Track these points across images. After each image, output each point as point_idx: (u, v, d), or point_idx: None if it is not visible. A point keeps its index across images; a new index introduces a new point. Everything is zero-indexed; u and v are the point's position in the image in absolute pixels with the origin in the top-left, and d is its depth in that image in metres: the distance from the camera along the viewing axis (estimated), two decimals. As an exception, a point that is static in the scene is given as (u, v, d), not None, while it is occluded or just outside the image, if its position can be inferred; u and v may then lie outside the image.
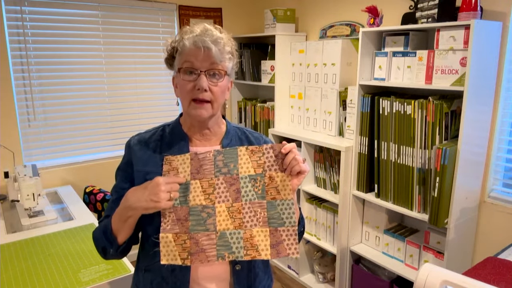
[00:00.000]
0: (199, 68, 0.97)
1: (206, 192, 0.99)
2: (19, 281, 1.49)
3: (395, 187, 2.14)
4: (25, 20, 2.53)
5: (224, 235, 0.97)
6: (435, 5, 1.94)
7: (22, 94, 2.58)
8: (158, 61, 3.13)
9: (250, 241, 0.97)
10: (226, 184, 0.99)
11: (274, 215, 0.99)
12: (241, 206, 0.99)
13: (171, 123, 1.14)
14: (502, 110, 1.99)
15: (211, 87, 0.99)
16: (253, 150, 1.00)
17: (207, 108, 1.00)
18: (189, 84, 0.98)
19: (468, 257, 2.12)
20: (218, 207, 0.98)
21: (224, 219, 0.98)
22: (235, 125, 1.17)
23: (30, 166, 2.27)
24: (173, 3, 3.10)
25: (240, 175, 1.00)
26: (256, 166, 1.00)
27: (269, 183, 0.99)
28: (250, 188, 0.99)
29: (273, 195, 0.99)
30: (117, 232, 1.01)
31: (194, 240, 0.96)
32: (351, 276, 2.54)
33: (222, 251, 0.96)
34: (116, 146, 3.03)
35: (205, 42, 0.95)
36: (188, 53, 0.97)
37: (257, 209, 0.99)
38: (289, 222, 0.99)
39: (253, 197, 0.99)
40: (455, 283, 0.77)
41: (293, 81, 2.98)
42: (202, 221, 0.97)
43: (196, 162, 0.99)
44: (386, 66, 2.18)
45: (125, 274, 1.55)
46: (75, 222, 2.04)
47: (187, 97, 1.00)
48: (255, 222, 0.98)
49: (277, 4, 3.22)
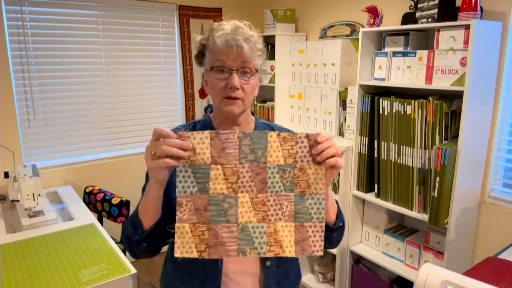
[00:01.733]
0: (231, 67, 0.96)
1: (228, 180, 0.90)
2: (19, 281, 1.49)
3: (395, 187, 2.14)
4: (25, 20, 2.53)
5: (246, 228, 0.90)
6: (435, 5, 1.94)
7: (22, 94, 2.58)
8: (158, 61, 3.13)
9: (274, 236, 0.91)
10: (252, 173, 0.90)
11: (302, 210, 0.92)
12: (266, 198, 0.91)
13: (202, 120, 1.13)
14: (502, 110, 1.99)
15: (243, 85, 0.98)
16: (285, 138, 0.90)
17: (239, 104, 1.00)
18: (221, 82, 0.98)
19: (468, 257, 2.12)
20: (241, 197, 0.90)
21: (246, 210, 0.90)
22: (263, 121, 1.17)
23: (30, 166, 2.27)
24: (173, 3, 3.10)
25: (267, 164, 0.90)
26: (287, 156, 0.91)
27: (299, 175, 0.91)
28: (277, 179, 0.91)
29: (302, 188, 0.92)
30: (142, 215, 0.96)
31: (213, 231, 0.89)
32: (351, 276, 2.54)
33: (243, 246, 0.89)
34: (116, 146, 3.03)
35: (237, 40, 0.94)
36: (219, 51, 0.96)
37: (283, 202, 0.92)
38: (317, 217, 0.92)
39: (280, 189, 0.91)
40: (455, 283, 0.77)
41: (293, 81, 2.98)
42: (222, 211, 0.89)
43: (217, 143, 0.88)
44: (386, 66, 2.18)
45: (125, 274, 1.55)
46: (75, 222, 2.04)
47: (219, 95, 0.99)
48: (280, 216, 0.91)
49: (277, 4, 3.22)
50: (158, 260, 3.05)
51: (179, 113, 3.30)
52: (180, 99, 3.28)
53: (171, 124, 3.26)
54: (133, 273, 1.57)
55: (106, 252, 1.72)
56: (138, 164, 3.09)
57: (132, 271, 1.57)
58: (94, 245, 1.79)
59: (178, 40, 3.18)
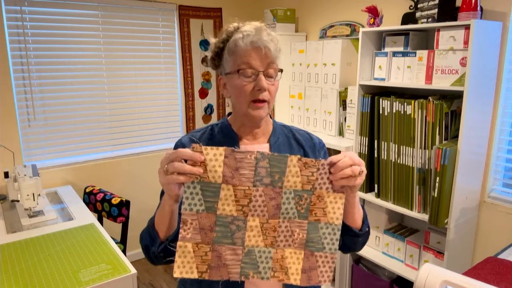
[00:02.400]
0: (257, 68, 0.96)
1: (239, 202, 0.85)
2: (19, 281, 1.49)
3: (395, 187, 2.14)
4: (25, 20, 2.53)
5: (252, 252, 0.86)
6: (435, 5, 1.94)
7: (22, 94, 2.58)
8: (158, 61, 3.13)
9: (281, 262, 0.86)
10: (266, 197, 0.85)
11: (314, 238, 0.87)
12: (278, 223, 0.86)
13: (219, 123, 1.11)
14: (502, 110, 1.99)
15: (269, 86, 0.98)
16: (306, 163, 0.85)
17: (265, 109, 0.99)
18: (249, 85, 0.97)
19: (468, 257, 2.12)
20: (251, 220, 0.85)
21: (255, 235, 0.86)
22: (280, 123, 1.17)
23: (30, 166, 2.27)
24: (173, 3, 3.10)
25: (284, 189, 0.85)
26: (306, 182, 0.86)
27: (316, 202, 0.87)
28: (292, 205, 0.86)
29: (318, 216, 0.87)
30: (158, 226, 0.94)
31: (217, 253, 0.85)
32: (351, 276, 2.54)
33: (247, 269, 0.86)
34: (116, 146, 3.03)
35: (264, 42, 0.94)
36: (244, 54, 0.95)
37: (295, 229, 0.87)
38: (329, 248, 0.88)
39: (293, 216, 0.87)
40: (455, 283, 0.77)
41: (293, 81, 2.98)
42: (229, 233, 0.85)
43: (232, 162, 0.83)
44: (386, 66, 2.18)
45: (125, 274, 1.55)
46: (75, 222, 2.04)
47: (246, 99, 0.98)
48: (290, 242, 0.87)
49: (277, 4, 3.22)
50: (158, 260, 3.03)
51: (179, 113, 3.30)
52: (180, 99, 3.28)
53: (171, 124, 3.26)
54: (133, 273, 1.57)
55: (106, 252, 1.72)
56: (138, 164, 3.09)
57: (132, 271, 1.57)
58: (94, 245, 1.79)
59: (178, 40, 3.18)
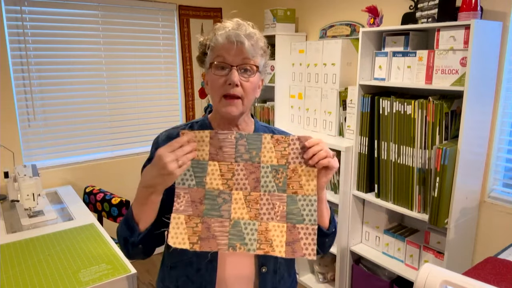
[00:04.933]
0: (231, 63, 0.95)
1: (224, 176, 0.94)
2: (19, 281, 1.49)
3: (395, 187, 2.14)
4: (25, 20, 2.53)
5: (238, 224, 0.93)
6: (435, 5, 1.94)
7: (22, 94, 2.58)
8: (158, 61, 3.13)
9: (265, 234, 0.93)
10: (246, 171, 0.94)
11: (294, 211, 0.94)
12: (259, 196, 0.94)
13: (199, 120, 1.12)
14: (502, 110, 1.99)
15: (243, 82, 0.97)
16: (278, 140, 0.94)
17: (238, 105, 0.98)
18: (221, 79, 0.96)
19: (468, 257, 2.12)
20: (235, 194, 0.94)
21: (240, 207, 0.93)
22: (263, 124, 1.16)
23: (30, 166, 2.27)
24: (173, 3, 3.10)
25: (261, 163, 0.94)
26: (280, 157, 0.94)
27: (292, 176, 0.94)
28: (270, 179, 0.94)
29: (295, 189, 0.94)
30: (138, 217, 0.95)
31: (206, 224, 0.92)
32: (351, 276, 2.54)
33: (234, 241, 0.92)
34: (116, 146, 3.03)
35: (238, 36, 0.93)
36: (220, 48, 0.95)
37: (276, 202, 0.94)
38: (309, 220, 0.93)
39: (273, 189, 0.94)
40: (455, 283, 0.77)
41: (293, 81, 2.98)
42: (217, 206, 0.93)
43: (216, 142, 0.94)
44: (386, 66, 2.18)
45: (125, 274, 1.55)
46: (75, 222, 2.04)
47: (218, 93, 0.98)
48: (272, 215, 0.93)
49: (277, 4, 3.22)
50: (158, 260, 3.03)
51: (179, 113, 3.30)
52: (180, 99, 3.28)
53: (171, 124, 3.25)
54: (133, 273, 1.57)
55: (106, 252, 1.72)
56: (138, 164, 3.09)
57: (132, 271, 1.57)
58: (94, 245, 1.79)
59: (178, 40, 3.18)
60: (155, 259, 3.16)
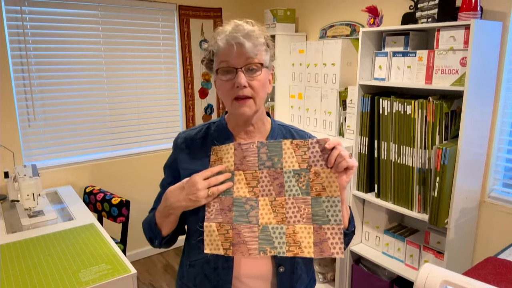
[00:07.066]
0: (235, 66, 0.96)
1: (250, 184, 0.98)
2: (19, 281, 1.49)
3: (395, 187, 2.14)
4: (25, 20, 2.53)
5: (266, 229, 0.96)
6: (435, 5, 1.94)
7: (22, 94, 2.58)
8: (158, 61, 3.13)
9: (293, 237, 0.95)
10: (270, 177, 0.98)
11: (319, 212, 0.96)
12: (284, 200, 0.97)
13: (217, 121, 1.13)
14: (502, 110, 1.99)
15: (250, 82, 0.97)
16: (298, 144, 0.98)
17: (250, 105, 0.99)
18: (228, 83, 0.97)
19: (468, 257, 2.12)
20: (261, 200, 0.97)
21: (266, 212, 0.97)
22: (280, 122, 1.15)
23: (30, 166, 2.27)
24: (173, 3, 3.10)
25: (284, 169, 0.98)
26: (301, 161, 0.97)
27: (314, 178, 0.97)
28: (294, 183, 0.97)
29: (318, 191, 0.97)
30: (160, 226, 1.04)
31: (237, 231, 0.96)
32: (351, 276, 2.54)
33: (264, 245, 0.95)
34: (116, 146, 3.03)
35: (236, 38, 0.94)
36: (222, 52, 0.96)
37: (301, 205, 0.97)
38: (335, 220, 0.95)
39: (297, 193, 0.97)
40: (455, 283, 0.77)
41: (293, 81, 2.98)
42: (245, 213, 0.97)
43: (239, 152, 0.99)
44: (386, 66, 2.18)
45: (125, 274, 1.55)
46: (75, 222, 2.04)
47: (229, 97, 0.99)
48: (298, 218, 0.96)
49: (277, 4, 3.22)
50: (158, 261, 3.04)
51: (179, 113, 3.30)
52: (180, 99, 3.28)
53: (171, 124, 3.26)
54: (133, 273, 1.57)
55: (106, 252, 1.72)
56: (138, 164, 3.09)
57: (132, 271, 1.57)
58: (94, 245, 1.79)
59: (178, 40, 3.18)
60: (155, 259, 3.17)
